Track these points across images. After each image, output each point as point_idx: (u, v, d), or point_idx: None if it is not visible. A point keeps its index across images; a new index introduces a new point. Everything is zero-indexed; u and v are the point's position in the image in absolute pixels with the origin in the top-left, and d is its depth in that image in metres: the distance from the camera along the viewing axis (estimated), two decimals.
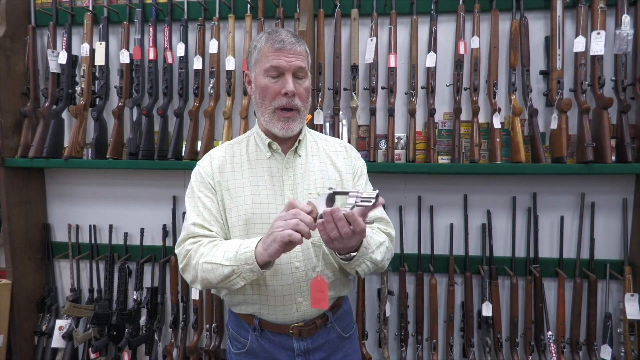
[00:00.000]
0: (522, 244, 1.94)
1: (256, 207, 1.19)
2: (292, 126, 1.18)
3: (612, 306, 1.88)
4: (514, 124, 1.81)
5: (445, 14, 1.90)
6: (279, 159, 1.24)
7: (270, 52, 1.14)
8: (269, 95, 1.16)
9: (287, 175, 1.23)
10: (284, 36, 1.15)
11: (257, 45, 1.18)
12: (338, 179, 1.26)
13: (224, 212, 1.22)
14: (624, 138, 1.71)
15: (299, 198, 1.19)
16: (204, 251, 1.14)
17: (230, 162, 1.25)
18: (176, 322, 2.11)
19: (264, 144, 1.24)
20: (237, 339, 1.29)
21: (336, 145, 1.34)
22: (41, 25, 2.15)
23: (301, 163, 1.25)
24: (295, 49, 1.15)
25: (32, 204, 2.20)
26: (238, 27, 2.00)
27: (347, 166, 1.30)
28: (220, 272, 1.09)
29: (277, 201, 1.20)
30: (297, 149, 1.25)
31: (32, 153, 2.02)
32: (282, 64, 1.13)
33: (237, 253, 1.08)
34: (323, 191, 1.18)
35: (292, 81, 1.14)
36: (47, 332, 2.19)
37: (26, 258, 2.17)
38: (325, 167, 1.26)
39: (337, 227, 0.98)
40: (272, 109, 1.17)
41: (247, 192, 1.20)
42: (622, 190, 1.88)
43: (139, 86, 2.03)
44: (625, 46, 1.70)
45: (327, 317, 1.26)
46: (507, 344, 1.93)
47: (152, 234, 2.19)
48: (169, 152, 1.98)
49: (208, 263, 1.11)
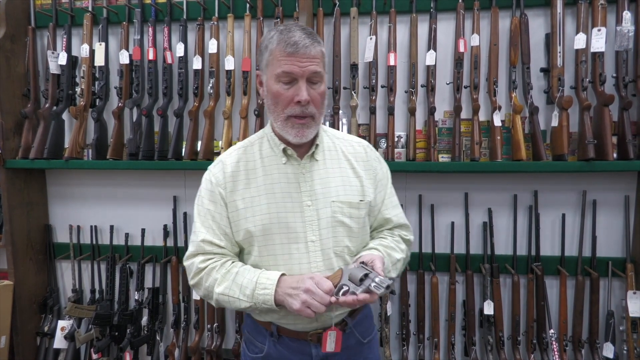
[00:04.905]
0: (523, 242, 1.93)
1: (273, 217, 1.14)
2: (306, 133, 1.12)
3: (615, 304, 1.87)
4: (514, 122, 1.80)
5: (445, 12, 1.89)
6: (295, 164, 1.18)
7: (282, 56, 1.05)
8: (281, 102, 1.09)
9: (305, 182, 1.17)
10: (297, 37, 1.05)
11: (268, 45, 1.09)
12: (359, 186, 1.21)
13: (236, 223, 1.17)
14: (625, 135, 1.70)
15: (318, 206, 1.15)
16: (217, 277, 1.13)
17: (244, 169, 1.19)
18: (178, 322, 2.12)
19: (279, 149, 1.18)
20: (253, 343, 1.27)
21: (355, 145, 1.27)
22: (41, 26, 2.15)
23: (319, 168, 1.18)
24: (310, 52, 1.05)
25: (34, 205, 2.21)
26: (237, 26, 2.00)
27: (368, 171, 1.24)
28: (238, 305, 1.11)
29: (295, 209, 1.15)
30: (314, 153, 1.19)
31: (33, 154, 2.03)
32: (294, 70, 1.05)
33: (254, 292, 1.08)
34: (346, 199, 1.17)
35: (306, 87, 1.06)
36: (49, 332, 2.19)
37: (28, 259, 2.17)
38: (345, 172, 1.21)
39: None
40: (285, 116, 1.10)
41: (263, 200, 1.15)
42: (623, 188, 1.87)
43: (138, 86, 2.03)
44: (626, 43, 1.69)
45: (345, 322, 1.22)
46: (509, 342, 1.92)
47: (153, 235, 2.19)
48: (169, 152, 1.98)
49: (225, 295, 1.11)
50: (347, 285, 1.02)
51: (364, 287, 0.99)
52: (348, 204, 1.17)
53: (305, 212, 1.15)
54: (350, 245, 1.19)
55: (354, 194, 1.19)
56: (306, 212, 1.15)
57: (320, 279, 1.03)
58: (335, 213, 1.16)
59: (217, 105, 2.02)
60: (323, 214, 1.15)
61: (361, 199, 1.20)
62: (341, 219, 1.16)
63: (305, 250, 1.15)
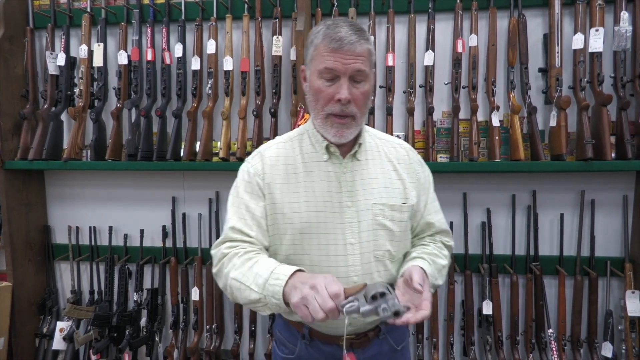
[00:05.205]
0: (522, 241, 1.93)
1: (312, 216, 1.10)
2: (345, 133, 1.08)
3: (613, 303, 1.88)
4: (512, 122, 1.80)
5: (443, 12, 1.90)
6: (337, 162, 1.13)
7: (326, 52, 1.02)
8: (322, 99, 1.06)
9: (346, 182, 1.12)
10: (343, 33, 1.01)
11: (313, 40, 1.06)
12: (401, 189, 1.16)
13: (272, 217, 1.12)
14: (623, 135, 1.71)
15: (359, 207, 1.11)
16: (237, 263, 1.05)
17: (283, 163, 1.14)
18: (176, 323, 2.11)
19: (321, 147, 1.13)
20: (284, 344, 1.24)
21: (397, 146, 1.23)
22: (39, 27, 2.15)
23: (361, 169, 1.14)
24: (355, 49, 1.01)
25: (32, 206, 2.20)
26: (236, 27, 2.00)
27: (410, 174, 1.20)
28: (247, 295, 1.01)
29: (335, 209, 1.10)
30: (357, 153, 1.14)
31: (31, 155, 2.03)
32: (337, 67, 1.01)
33: (266, 282, 0.97)
34: (388, 202, 1.12)
35: (348, 86, 1.02)
36: (48, 334, 2.19)
37: (27, 260, 2.17)
38: (388, 174, 1.16)
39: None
40: (325, 114, 1.06)
41: (302, 198, 1.11)
42: (622, 187, 1.87)
43: (137, 87, 2.03)
44: (624, 43, 1.69)
45: (379, 328, 1.18)
46: (508, 342, 1.92)
47: (152, 235, 2.19)
48: (168, 153, 1.98)
49: (237, 281, 1.03)
50: (357, 300, 0.92)
51: (372, 307, 0.91)
52: (390, 207, 1.13)
53: (345, 213, 1.11)
54: (392, 250, 1.14)
55: (397, 197, 1.15)
56: (346, 213, 1.11)
57: (331, 282, 0.91)
58: (376, 216, 1.12)
59: (215, 105, 2.02)
60: (364, 216, 1.11)
61: (404, 202, 1.16)
62: (383, 222, 1.12)
63: (343, 253, 1.10)
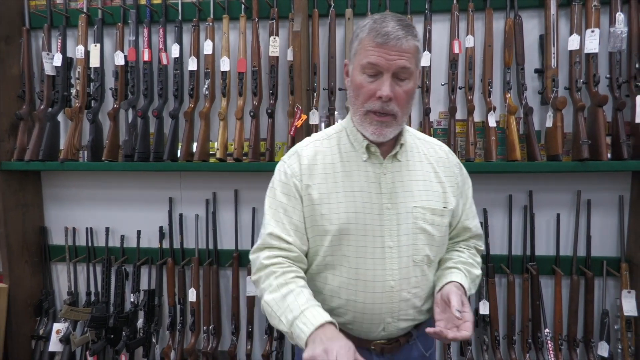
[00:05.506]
0: (518, 242, 1.94)
1: (351, 217, 1.07)
2: (385, 132, 1.04)
3: (609, 303, 1.89)
4: (509, 123, 1.81)
5: (440, 13, 1.90)
6: (376, 162, 1.10)
7: (371, 46, 0.99)
8: (362, 95, 1.03)
9: (386, 183, 1.09)
10: (390, 28, 0.97)
11: (359, 34, 1.03)
12: (441, 192, 1.13)
13: (311, 218, 1.09)
14: (619, 135, 1.72)
15: (399, 210, 1.08)
16: (273, 285, 1.04)
17: (321, 162, 1.11)
18: (174, 325, 2.11)
19: (361, 146, 1.10)
20: None
21: (436, 148, 1.20)
22: (35, 27, 2.14)
23: (401, 170, 1.11)
24: (401, 45, 0.97)
25: (29, 207, 2.20)
26: (232, 27, 2.00)
27: (449, 177, 1.17)
28: (276, 324, 1.01)
29: (374, 211, 1.07)
30: (397, 153, 1.11)
31: (28, 156, 2.02)
32: (380, 63, 0.98)
33: (294, 321, 0.96)
34: (429, 205, 1.10)
35: (391, 83, 0.99)
36: (45, 336, 2.18)
37: (23, 262, 2.16)
38: (428, 176, 1.13)
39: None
40: (365, 110, 1.04)
41: (340, 198, 1.08)
42: (618, 188, 1.88)
43: (134, 88, 2.02)
44: (620, 44, 1.70)
45: (410, 334, 1.16)
46: (505, 341, 1.93)
47: (149, 236, 2.18)
48: (165, 153, 1.97)
49: (269, 307, 1.03)
50: None
51: None
52: (431, 211, 1.11)
53: (384, 216, 1.08)
54: (430, 254, 1.12)
55: (437, 200, 1.12)
56: (385, 215, 1.08)
57: (346, 352, 0.87)
58: (417, 219, 1.09)
59: (212, 106, 2.01)
60: (403, 219, 1.09)
61: (444, 206, 1.13)
62: (423, 226, 1.10)
63: (381, 256, 1.08)
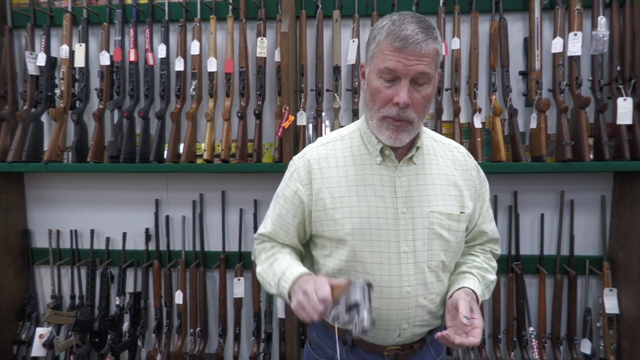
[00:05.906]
0: (503, 241, 1.96)
1: (364, 222, 1.05)
2: (401, 137, 1.01)
3: (592, 301, 1.92)
4: (494, 124, 1.83)
5: (426, 16, 1.90)
6: (391, 165, 1.08)
7: (389, 51, 0.95)
8: (379, 100, 1.00)
9: (401, 186, 1.06)
10: (409, 31, 0.94)
11: (376, 36, 0.99)
12: (458, 196, 1.10)
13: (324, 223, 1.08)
14: (601, 137, 1.75)
15: (414, 215, 1.06)
16: (263, 257, 1.16)
17: (334, 166, 1.09)
18: (160, 327, 2.09)
19: (375, 149, 1.08)
20: (322, 349, 1.19)
21: (454, 150, 1.17)
22: (18, 26, 2.10)
23: (417, 173, 1.08)
24: (421, 50, 0.93)
25: (12, 209, 2.15)
26: (220, 28, 1.99)
27: (467, 180, 1.13)
28: (268, 290, 1.11)
29: (389, 216, 1.05)
30: (413, 157, 1.08)
31: (10, 157, 1.98)
32: (398, 68, 0.95)
33: (279, 282, 1.05)
34: (445, 210, 1.07)
35: (409, 88, 0.96)
36: (27, 340, 2.14)
37: (5, 265, 2.12)
38: (445, 180, 1.10)
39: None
40: (381, 116, 1.01)
41: (354, 202, 1.06)
42: (600, 188, 1.92)
43: (119, 88, 2.00)
44: (602, 47, 1.74)
45: (424, 339, 1.14)
46: (490, 340, 1.95)
47: (135, 238, 2.16)
48: (151, 154, 1.95)
49: (261, 276, 1.14)
50: (339, 306, 0.92)
51: (348, 318, 0.90)
52: (447, 216, 1.08)
53: (399, 220, 1.05)
54: (446, 260, 1.09)
55: (454, 205, 1.09)
56: (401, 220, 1.05)
57: (321, 286, 0.92)
58: (433, 224, 1.06)
59: (199, 107, 2.00)
60: (419, 224, 1.06)
61: (462, 211, 1.10)
62: (439, 232, 1.07)
63: (396, 262, 1.05)
